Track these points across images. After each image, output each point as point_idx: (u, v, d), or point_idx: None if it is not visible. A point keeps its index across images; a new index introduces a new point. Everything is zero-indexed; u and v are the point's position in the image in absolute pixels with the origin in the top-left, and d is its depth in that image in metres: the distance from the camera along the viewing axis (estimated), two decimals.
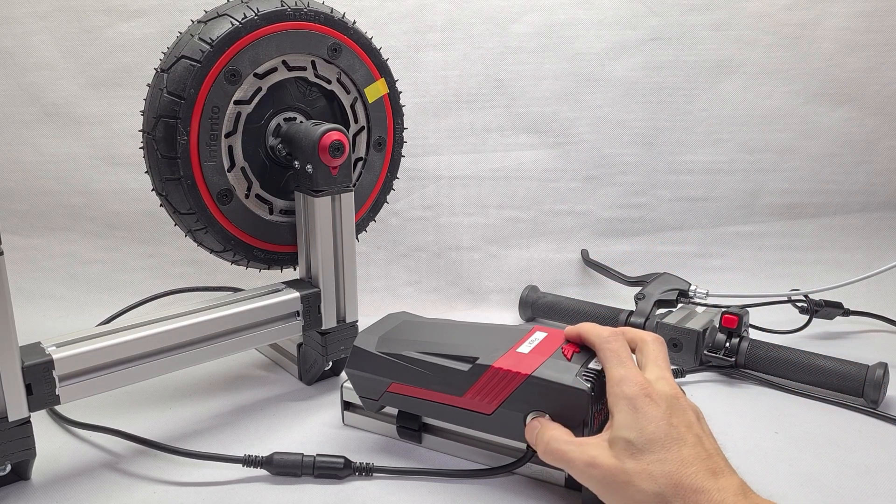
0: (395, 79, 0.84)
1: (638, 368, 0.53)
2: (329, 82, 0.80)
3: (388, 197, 0.88)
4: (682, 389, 0.53)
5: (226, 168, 0.74)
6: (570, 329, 0.61)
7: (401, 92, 0.86)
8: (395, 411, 0.68)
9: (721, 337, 0.83)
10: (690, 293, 0.92)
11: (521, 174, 1.11)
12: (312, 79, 0.78)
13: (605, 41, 1.11)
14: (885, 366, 0.75)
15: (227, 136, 0.74)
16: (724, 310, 0.84)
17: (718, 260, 1.16)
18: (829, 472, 0.63)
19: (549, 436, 0.53)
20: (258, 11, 0.71)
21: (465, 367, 0.60)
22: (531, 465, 0.62)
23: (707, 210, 1.18)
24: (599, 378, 0.56)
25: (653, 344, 0.56)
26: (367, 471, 0.63)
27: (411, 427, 0.67)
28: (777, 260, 1.17)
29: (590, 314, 0.94)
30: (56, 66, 1.00)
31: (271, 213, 0.80)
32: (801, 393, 0.78)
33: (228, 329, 0.72)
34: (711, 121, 1.16)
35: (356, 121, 0.83)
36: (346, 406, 0.72)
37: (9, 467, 0.60)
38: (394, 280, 1.08)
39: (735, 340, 0.83)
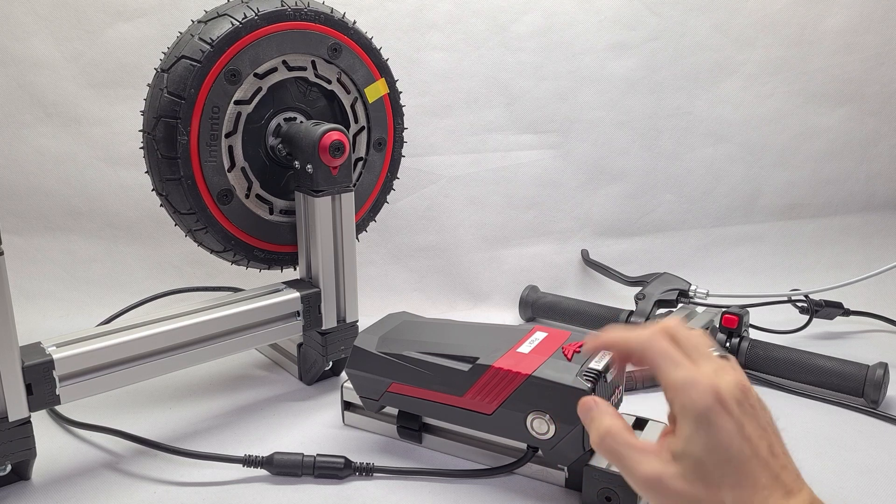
0: (395, 79, 0.84)
1: (696, 366, 0.47)
2: (329, 82, 0.80)
3: (388, 197, 0.88)
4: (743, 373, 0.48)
5: (226, 168, 0.74)
6: (594, 343, 0.52)
7: (401, 92, 0.86)
8: (395, 411, 0.68)
9: (721, 337, 0.83)
10: (690, 293, 0.92)
11: (521, 174, 1.11)
12: (312, 79, 0.78)
13: (605, 41, 1.11)
14: (885, 366, 0.75)
15: (228, 136, 0.74)
16: (724, 310, 0.84)
17: (718, 260, 1.16)
18: (829, 472, 0.63)
19: (605, 429, 0.48)
20: (258, 11, 0.71)
21: (465, 367, 0.60)
22: (531, 465, 0.62)
23: (707, 210, 1.18)
24: (600, 378, 0.56)
25: (698, 337, 0.49)
26: (367, 471, 0.63)
27: (411, 427, 0.67)
28: (777, 260, 1.17)
29: (590, 314, 0.94)
30: (56, 66, 1.00)
31: (271, 213, 0.80)
32: (801, 393, 0.78)
33: (228, 329, 0.72)
34: (711, 121, 1.16)
35: (356, 121, 0.83)
36: (347, 406, 0.72)
37: (9, 467, 0.60)
38: (394, 280, 1.08)
39: (735, 340, 0.83)
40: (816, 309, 0.93)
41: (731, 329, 0.83)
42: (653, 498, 0.46)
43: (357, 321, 0.80)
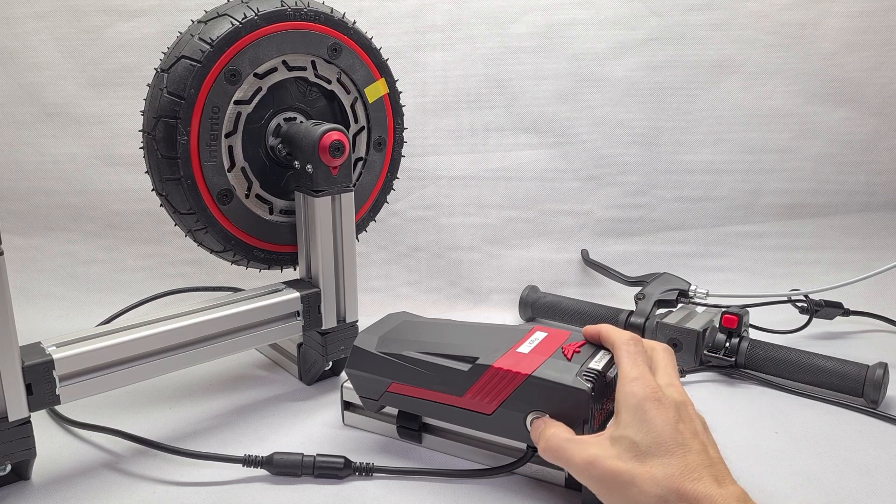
0: (395, 79, 0.84)
1: (651, 373, 0.53)
2: (329, 82, 0.80)
3: (388, 197, 0.88)
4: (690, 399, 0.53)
5: (226, 168, 0.74)
6: (590, 328, 0.61)
7: (401, 92, 0.86)
8: (395, 411, 0.68)
9: (721, 337, 0.83)
10: (690, 293, 0.92)
11: (521, 174, 1.11)
12: (312, 79, 0.79)
13: (605, 41, 1.11)
14: (885, 366, 0.75)
15: (227, 136, 0.74)
16: (724, 310, 0.84)
17: (718, 260, 1.16)
18: (829, 472, 0.64)
19: (550, 433, 0.53)
20: (258, 11, 0.71)
21: (465, 367, 0.60)
22: (531, 465, 0.62)
23: (707, 210, 1.18)
24: (599, 378, 0.56)
25: (663, 352, 0.57)
26: (367, 471, 0.63)
27: (411, 427, 0.67)
28: (777, 260, 1.17)
29: (590, 314, 0.94)
30: (56, 66, 1.00)
31: (271, 213, 0.80)
32: (801, 393, 0.78)
33: (228, 329, 0.72)
34: (711, 121, 1.16)
35: (356, 121, 0.83)
36: (346, 406, 0.72)
37: (9, 467, 0.60)
38: (394, 280, 1.08)
39: (735, 340, 0.83)
40: (816, 309, 0.93)
41: (730, 329, 0.83)
42: (590, 481, 0.50)
43: (357, 321, 0.80)
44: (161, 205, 0.75)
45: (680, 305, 0.92)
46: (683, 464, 0.47)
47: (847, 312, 0.94)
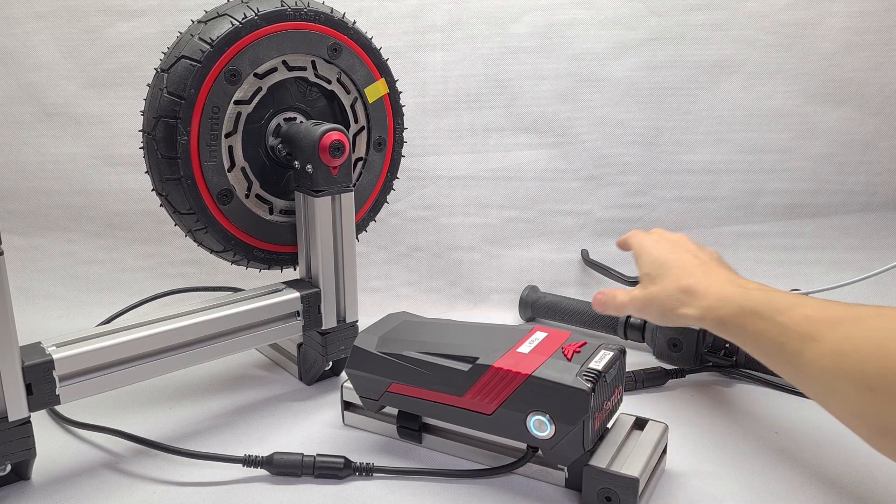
0: (395, 79, 0.84)
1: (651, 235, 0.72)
2: (329, 82, 0.80)
3: (388, 197, 0.88)
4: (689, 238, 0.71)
5: (226, 168, 0.74)
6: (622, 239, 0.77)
7: (401, 92, 0.86)
8: (395, 411, 0.68)
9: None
10: None
11: (521, 174, 1.11)
12: (312, 79, 0.79)
13: (605, 41, 1.11)
14: None
15: (228, 136, 0.74)
16: None
17: None
18: (830, 471, 0.64)
19: (611, 294, 0.71)
20: (258, 11, 0.71)
21: (465, 367, 0.60)
22: (531, 465, 0.62)
23: (707, 210, 1.18)
24: (599, 378, 0.56)
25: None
26: (367, 471, 0.63)
27: (411, 427, 0.67)
28: (777, 260, 1.17)
29: (590, 314, 0.94)
30: (56, 66, 1.00)
31: (271, 213, 0.80)
32: (801, 393, 0.78)
33: (228, 329, 0.72)
34: (711, 121, 1.16)
35: (356, 121, 0.83)
36: (346, 406, 0.72)
37: (9, 467, 0.60)
38: (394, 280, 1.08)
39: None
40: None
41: None
42: (634, 311, 0.68)
43: (357, 321, 0.80)
44: (161, 205, 0.75)
45: None
46: (679, 269, 0.64)
47: None
